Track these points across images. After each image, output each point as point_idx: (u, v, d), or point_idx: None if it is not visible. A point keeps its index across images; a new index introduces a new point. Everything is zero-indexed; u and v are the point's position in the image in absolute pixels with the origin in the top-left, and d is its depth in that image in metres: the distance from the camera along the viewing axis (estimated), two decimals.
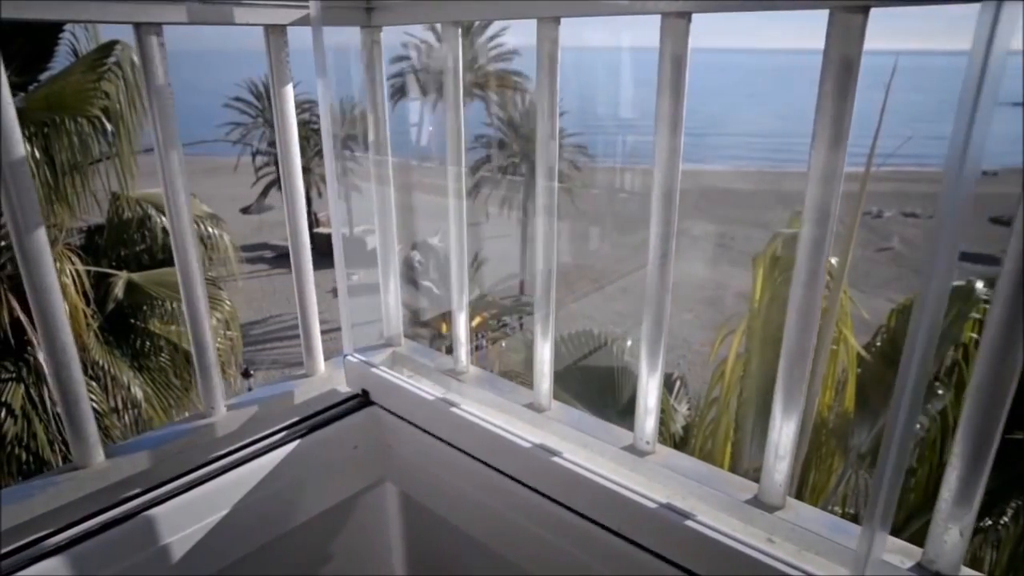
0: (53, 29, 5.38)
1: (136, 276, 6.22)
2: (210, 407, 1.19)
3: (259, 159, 22.97)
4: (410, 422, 1.26)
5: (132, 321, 6.33)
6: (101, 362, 5.85)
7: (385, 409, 1.28)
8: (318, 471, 1.22)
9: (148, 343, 6.33)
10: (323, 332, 1.35)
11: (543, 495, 1.12)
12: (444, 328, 16.46)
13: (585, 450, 1.14)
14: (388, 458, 1.31)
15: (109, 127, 5.02)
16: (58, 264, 5.30)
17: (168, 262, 7.14)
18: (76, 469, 1.05)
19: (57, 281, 1.00)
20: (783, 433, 0.91)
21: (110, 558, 1.02)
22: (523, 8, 1.01)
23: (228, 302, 6.86)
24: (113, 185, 5.74)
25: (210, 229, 6.84)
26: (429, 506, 1.31)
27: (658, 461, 1.06)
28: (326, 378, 1.32)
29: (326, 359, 1.37)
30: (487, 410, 1.26)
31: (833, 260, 2.98)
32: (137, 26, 0.98)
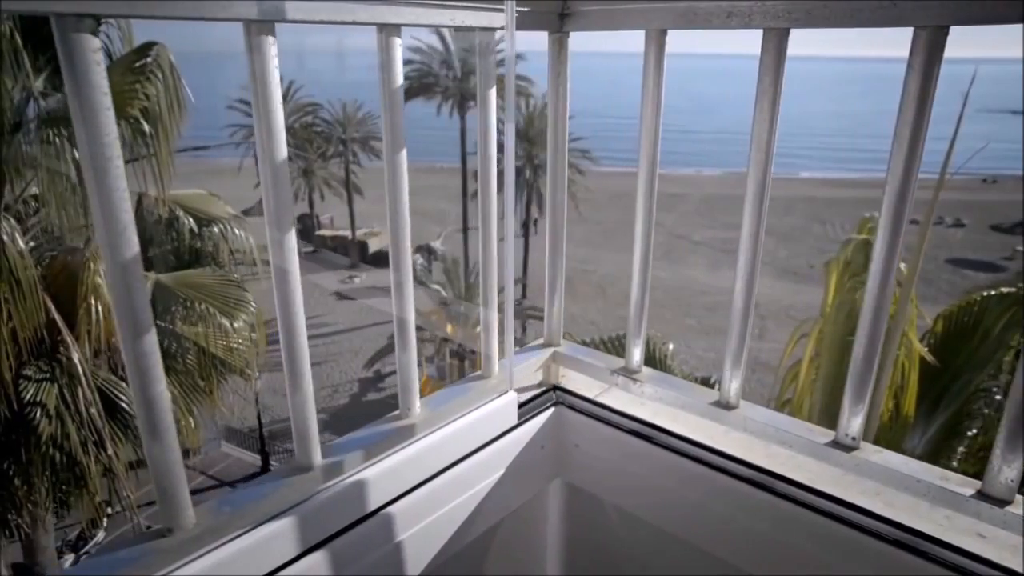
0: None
1: (164, 277, 6.20)
2: (407, 408, 1.20)
3: None
4: (596, 417, 1.28)
5: (159, 323, 6.29)
6: None
7: (568, 407, 1.31)
8: (512, 473, 1.24)
9: (175, 345, 6.29)
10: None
11: (738, 477, 1.15)
12: (449, 330, 16.44)
13: (782, 446, 1.17)
14: (569, 455, 1.33)
15: (147, 128, 5.00)
16: (92, 265, 5.27)
17: (193, 263, 7.10)
18: (301, 471, 1.06)
19: (300, 286, 1.01)
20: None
21: (342, 562, 1.04)
22: (747, 18, 1.04)
23: (253, 304, 6.84)
24: (144, 186, 5.71)
25: (236, 231, 6.82)
26: (617, 503, 1.34)
27: (865, 457, 1.09)
28: (502, 379, 1.34)
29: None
30: (667, 408, 1.29)
31: (902, 266, 3.03)
32: (381, 27, 1.00)
